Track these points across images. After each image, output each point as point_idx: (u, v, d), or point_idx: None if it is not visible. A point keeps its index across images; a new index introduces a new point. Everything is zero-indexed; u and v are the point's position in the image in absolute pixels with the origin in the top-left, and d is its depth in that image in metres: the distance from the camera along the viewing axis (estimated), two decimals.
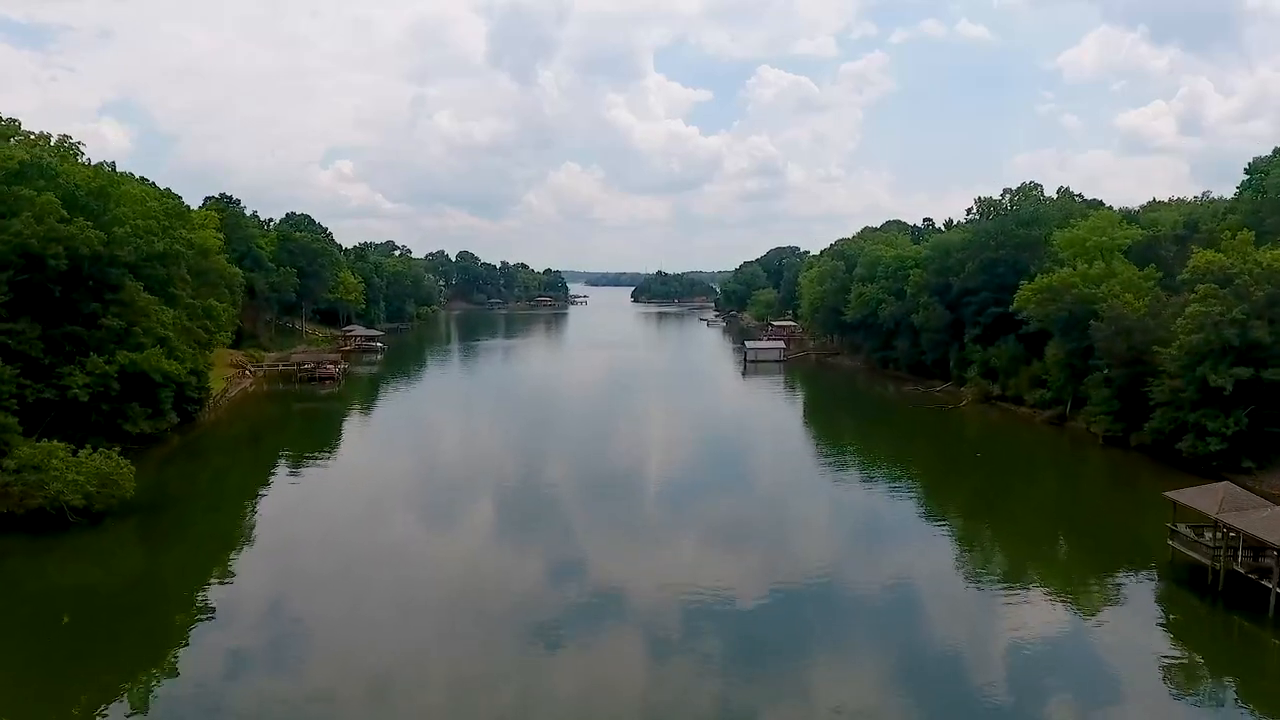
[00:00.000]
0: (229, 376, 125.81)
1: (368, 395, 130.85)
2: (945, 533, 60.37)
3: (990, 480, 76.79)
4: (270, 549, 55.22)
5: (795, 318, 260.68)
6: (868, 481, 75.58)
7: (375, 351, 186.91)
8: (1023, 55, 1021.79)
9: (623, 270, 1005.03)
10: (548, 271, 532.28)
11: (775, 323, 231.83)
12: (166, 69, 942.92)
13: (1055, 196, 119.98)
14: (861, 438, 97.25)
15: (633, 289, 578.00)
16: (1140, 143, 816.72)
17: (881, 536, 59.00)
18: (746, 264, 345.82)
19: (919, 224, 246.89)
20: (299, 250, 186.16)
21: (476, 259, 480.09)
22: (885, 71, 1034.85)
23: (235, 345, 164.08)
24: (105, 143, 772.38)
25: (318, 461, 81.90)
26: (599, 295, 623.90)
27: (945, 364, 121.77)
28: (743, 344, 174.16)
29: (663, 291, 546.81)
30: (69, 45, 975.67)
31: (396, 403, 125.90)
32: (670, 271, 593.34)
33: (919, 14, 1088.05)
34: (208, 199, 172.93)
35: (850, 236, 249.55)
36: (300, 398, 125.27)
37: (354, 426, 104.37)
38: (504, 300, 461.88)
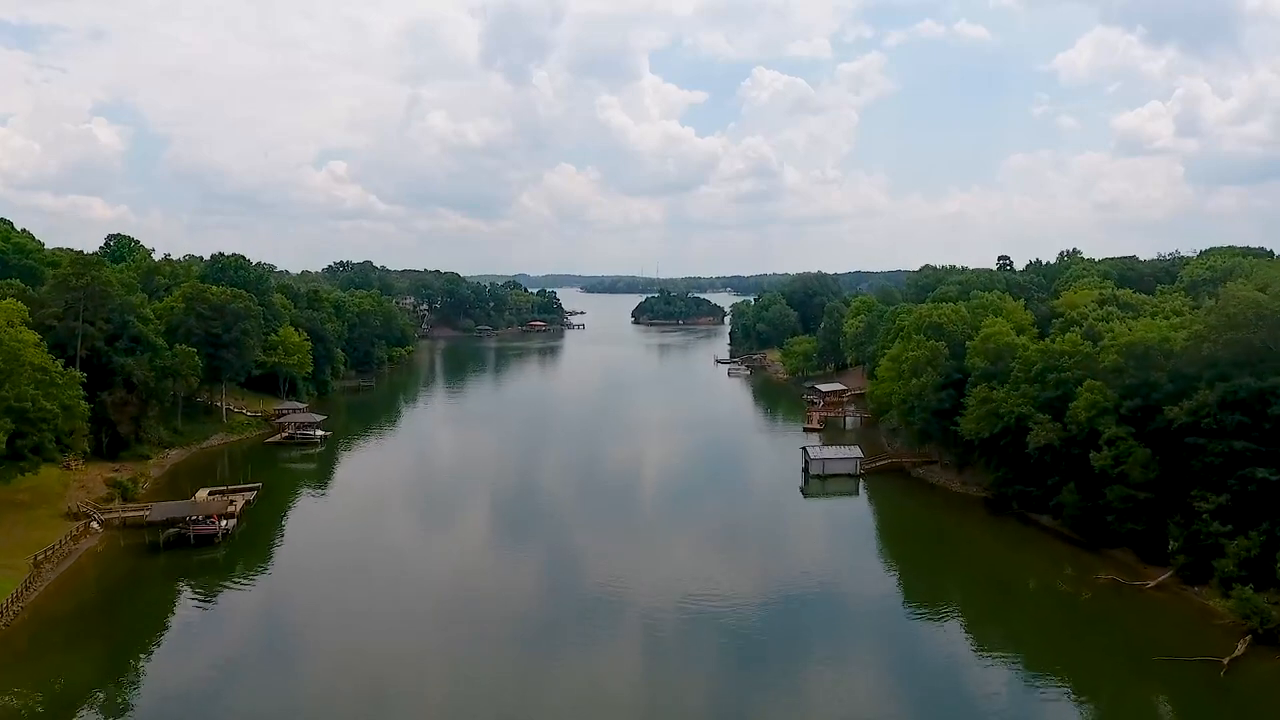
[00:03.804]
0: (49, 549, 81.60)
1: (263, 563, 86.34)
2: None
3: None
4: None
5: (838, 368, 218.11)
6: None
7: (314, 444, 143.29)
8: (1019, 57, 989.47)
9: (619, 274, 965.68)
10: (540, 293, 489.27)
11: (820, 386, 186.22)
12: (159, 70, 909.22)
13: None
14: None
15: (633, 308, 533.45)
16: (1137, 144, 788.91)
17: None
18: (769, 297, 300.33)
19: (993, 265, 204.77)
20: (213, 313, 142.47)
21: (463, 280, 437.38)
22: (881, 73, 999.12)
23: (113, 454, 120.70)
24: (98, 144, 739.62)
25: None
26: (596, 308, 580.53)
27: (1153, 538, 78.39)
28: (803, 449, 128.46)
29: (665, 311, 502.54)
30: (61, 45, 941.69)
31: (297, 593, 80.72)
32: (666, 276, 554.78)
33: (914, 16, 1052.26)
34: (74, 250, 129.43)
35: (917, 272, 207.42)
36: (152, 581, 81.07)
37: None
38: (493, 326, 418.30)
